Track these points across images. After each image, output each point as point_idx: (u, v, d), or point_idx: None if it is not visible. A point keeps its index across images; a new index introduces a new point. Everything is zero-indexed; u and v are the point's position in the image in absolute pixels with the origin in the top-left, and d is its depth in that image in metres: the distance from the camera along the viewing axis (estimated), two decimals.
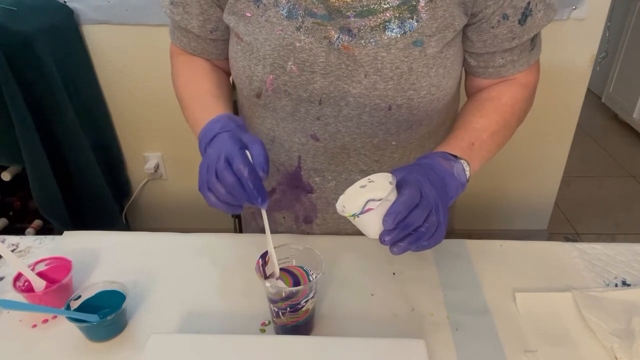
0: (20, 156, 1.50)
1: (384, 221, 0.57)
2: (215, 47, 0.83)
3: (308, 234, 0.90)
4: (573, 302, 0.74)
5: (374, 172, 0.82)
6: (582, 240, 0.87)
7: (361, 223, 0.60)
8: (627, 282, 0.79)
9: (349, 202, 0.62)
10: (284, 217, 0.92)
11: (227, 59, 0.82)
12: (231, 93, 0.86)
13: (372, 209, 0.58)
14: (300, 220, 0.90)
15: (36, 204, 1.58)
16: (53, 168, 1.58)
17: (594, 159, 2.80)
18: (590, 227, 2.27)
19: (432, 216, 0.59)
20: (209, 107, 0.74)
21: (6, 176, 1.61)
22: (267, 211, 0.93)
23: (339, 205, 0.62)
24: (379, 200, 0.59)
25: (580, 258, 0.84)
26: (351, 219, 0.60)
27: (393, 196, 0.58)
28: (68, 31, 1.68)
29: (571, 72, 1.76)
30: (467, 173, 0.68)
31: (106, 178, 1.82)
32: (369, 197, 0.60)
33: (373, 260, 0.83)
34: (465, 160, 0.68)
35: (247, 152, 0.62)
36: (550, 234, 2.16)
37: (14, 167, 1.62)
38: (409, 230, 0.58)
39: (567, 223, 2.29)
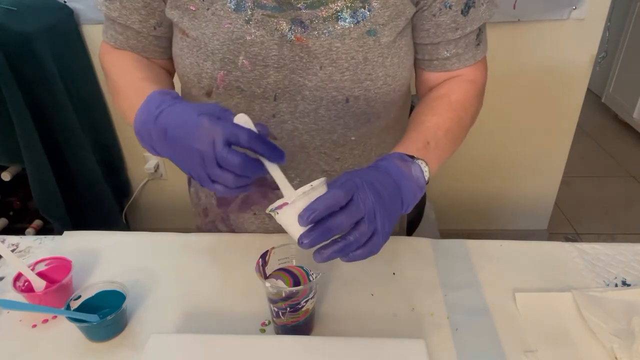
0: (20, 156, 1.50)
1: (299, 216, 0.53)
2: (158, 45, 0.78)
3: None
4: (573, 302, 0.74)
5: (336, 171, 0.81)
6: (582, 240, 0.87)
7: (282, 221, 0.56)
8: (627, 282, 0.79)
9: None
10: (255, 214, 0.88)
11: (170, 58, 0.78)
12: (169, 84, 0.80)
13: (288, 203, 0.54)
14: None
15: (36, 204, 1.58)
16: (53, 168, 1.58)
17: (594, 159, 2.80)
18: (590, 227, 2.27)
19: (364, 224, 0.54)
20: (146, 92, 0.63)
21: (6, 176, 1.61)
22: (235, 214, 0.89)
23: (271, 207, 0.56)
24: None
25: (580, 258, 0.84)
26: (274, 216, 0.56)
27: (316, 194, 0.54)
28: (68, 31, 1.68)
29: (571, 72, 1.76)
30: (426, 174, 0.64)
31: (106, 178, 1.82)
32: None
33: (373, 260, 0.82)
34: (422, 160, 0.65)
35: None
36: (550, 234, 2.16)
37: (14, 167, 1.62)
38: (329, 234, 0.54)
39: (567, 223, 2.29)
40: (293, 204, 0.54)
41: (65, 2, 1.67)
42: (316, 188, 0.55)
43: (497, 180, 2.03)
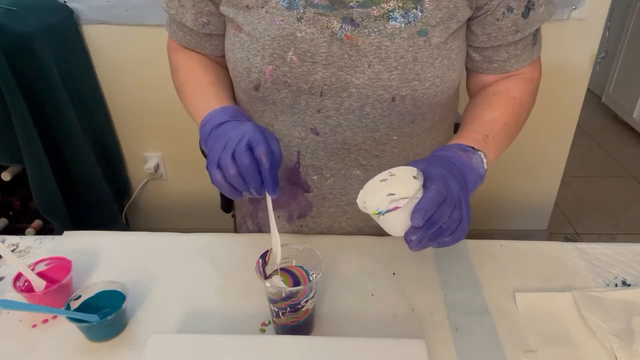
0: (20, 156, 1.50)
1: (413, 219, 0.55)
2: (209, 43, 0.83)
3: (301, 227, 0.90)
4: (573, 302, 0.74)
5: (373, 167, 0.81)
6: (582, 240, 0.87)
7: (386, 221, 0.58)
8: (627, 282, 0.79)
9: (370, 197, 0.60)
10: (278, 217, 0.90)
11: (222, 56, 0.82)
12: (231, 86, 0.86)
13: (400, 207, 0.56)
14: (294, 218, 0.89)
15: (36, 204, 1.58)
16: (53, 168, 1.58)
17: (594, 159, 2.80)
18: (590, 227, 2.27)
19: (455, 211, 0.58)
20: (210, 97, 0.76)
21: (6, 176, 1.61)
22: (264, 212, 0.93)
23: (359, 201, 0.59)
24: (403, 197, 0.57)
25: (580, 258, 0.84)
26: (375, 216, 0.58)
27: (420, 193, 0.56)
28: (68, 31, 1.68)
29: (571, 72, 1.76)
30: (485, 165, 0.67)
31: (106, 178, 1.82)
32: (389, 192, 0.58)
33: (373, 260, 0.83)
34: (482, 152, 0.68)
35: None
36: (550, 234, 2.16)
37: (14, 167, 1.62)
38: (435, 227, 0.56)
39: (567, 223, 2.29)
40: (405, 208, 0.56)
41: (65, 2, 1.67)
42: (406, 181, 0.58)
43: (497, 180, 2.03)
